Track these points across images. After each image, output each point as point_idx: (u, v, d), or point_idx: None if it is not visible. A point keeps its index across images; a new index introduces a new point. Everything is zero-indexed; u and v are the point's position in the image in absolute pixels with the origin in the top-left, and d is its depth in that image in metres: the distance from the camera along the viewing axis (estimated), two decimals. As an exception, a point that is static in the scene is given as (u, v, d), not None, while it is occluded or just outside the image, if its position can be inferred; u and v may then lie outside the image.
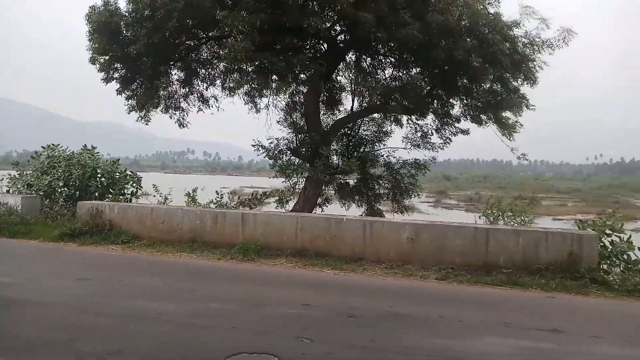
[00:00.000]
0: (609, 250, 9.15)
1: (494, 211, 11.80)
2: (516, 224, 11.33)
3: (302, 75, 13.35)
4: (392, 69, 14.23)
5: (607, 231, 9.41)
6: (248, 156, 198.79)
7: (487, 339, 5.42)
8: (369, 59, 14.21)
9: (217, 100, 15.75)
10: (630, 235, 9.48)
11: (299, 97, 14.97)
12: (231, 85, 14.80)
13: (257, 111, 15.72)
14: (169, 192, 14.63)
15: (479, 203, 31.68)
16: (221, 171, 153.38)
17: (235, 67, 13.41)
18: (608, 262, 9.09)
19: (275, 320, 5.86)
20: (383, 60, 14.17)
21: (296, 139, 14.92)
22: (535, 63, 11.66)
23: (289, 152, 14.54)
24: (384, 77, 14.30)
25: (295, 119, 15.34)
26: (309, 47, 13.41)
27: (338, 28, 12.95)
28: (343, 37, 13.42)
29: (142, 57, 12.72)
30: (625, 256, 9.06)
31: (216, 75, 15.42)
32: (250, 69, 13.25)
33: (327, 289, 7.70)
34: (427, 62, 12.13)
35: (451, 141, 14.72)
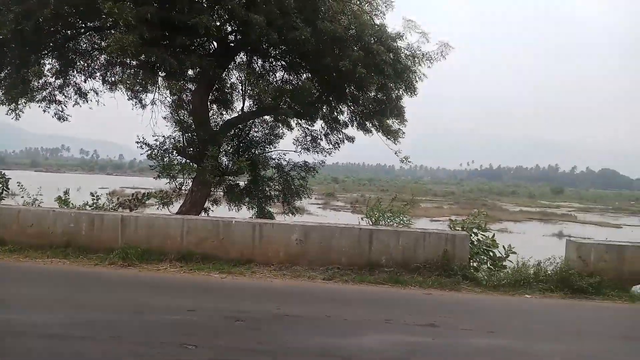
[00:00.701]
0: (476, 247, 10.03)
1: (375, 212, 12.34)
2: (396, 225, 11.96)
3: (190, 73, 12.94)
4: (284, 72, 14.34)
5: (474, 230, 10.32)
6: (130, 155, 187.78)
7: (370, 336, 5.66)
8: (260, 60, 14.18)
9: (97, 94, 14.68)
10: (494, 234, 10.49)
11: (187, 95, 14.45)
12: (113, 79, 13.89)
13: (143, 107, 14.91)
14: (38, 192, 13.27)
15: (364, 205, 33.05)
16: (100, 170, 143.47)
17: (118, 61, 12.61)
18: (477, 259, 9.96)
19: (158, 328, 5.61)
20: (274, 63, 14.21)
21: (183, 138, 14.41)
22: (415, 74, 12.42)
23: (174, 151, 14.00)
24: (275, 80, 14.35)
25: (182, 117, 14.80)
26: (198, 44, 13.04)
27: (229, 28, 12.75)
28: (234, 37, 13.25)
29: (10, 43, 11.48)
30: (490, 253, 10.01)
31: (96, 67, 14.38)
32: (134, 63, 12.55)
33: (214, 293, 7.54)
34: (317, 68, 12.37)
35: (339, 146, 15.18)
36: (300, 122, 15.07)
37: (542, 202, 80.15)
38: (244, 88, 14.48)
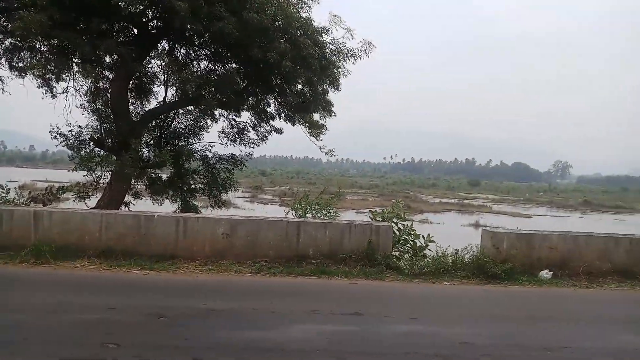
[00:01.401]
0: (398, 236, 10.39)
1: (302, 205, 12.43)
2: (323, 217, 12.11)
3: (107, 59, 12.29)
4: (208, 61, 13.99)
5: (394, 220, 10.68)
6: (42, 146, 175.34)
7: (296, 327, 5.70)
8: (183, 49, 13.75)
9: (2, 81, 13.55)
10: (412, 223, 10.90)
11: (104, 83, 13.68)
12: (20, 65, 12.88)
13: (54, 96, 13.91)
14: None
15: (292, 198, 33.14)
16: (7, 163, 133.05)
17: (26, 45, 11.73)
18: (399, 249, 10.32)
19: (76, 328, 5.32)
20: (199, 52, 13.85)
21: (101, 129, 13.70)
22: (340, 70, 12.59)
23: (91, 142, 13.28)
24: (199, 69, 13.97)
25: (99, 107, 14.04)
26: (117, 30, 12.41)
27: (151, 14, 12.23)
28: (156, 24, 12.73)
29: None
30: (411, 242, 10.40)
31: (1, 52, 13.26)
32: (45, 48, 11.72)
33: (135, 290, 7.25)
34: (244, 59, 12.20)
35: (267, 138, 15.10)
36: (225, 113, 14.80)
37: (460, 194, 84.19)
38: (166, 77, 13.99)
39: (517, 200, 75.03)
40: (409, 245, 10.46)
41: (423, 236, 10.53)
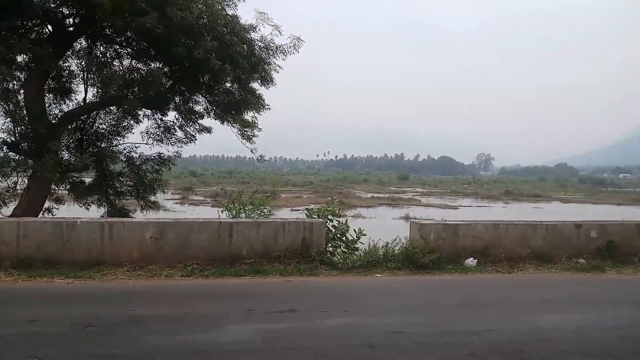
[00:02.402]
0: (332, 232, 10.54)
1: (236, 205, 12.29)
2: (257, 217, 12.06)
3: (19, 59, 11.53)
4: (131, 60, 13.47)
5: (329, 217, 10.83)
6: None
7: (230, 328, 5.65)
8: (103, 47, 13.15)
9: None
10: (346, 219, 11.10)
11: (14, 84, 12.77)
12: None
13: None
14: None
15: (225, 198, 32.67)
16: None
17: None
18: (333, 244, 10.48)
19: (-7, 345, 4.97)
20: (120, 51, 13.30)
21: (15, 132, 12.84)
22: (270, 66, 12.54)
23: (4, 147, 12.42)
24: (121, 68, 13.42)
25: (11, 109, 13.12)
26: (30, 28, 11.68)
27: (66, 10, 11.59)
28: (73, 21, 12.09)
29: None
30: (344, 238, 10.59)
31: None
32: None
33: (59, 300, 6.88)
34: (169, 57, 11.86)
35: (195, 138, 14.75)
36: (151, 113, 14.31)
37: (391, 188, 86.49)
38: (85, 76, 13.32)
39: (444, 192, 78.17)
40: (342, 240, 10.63)
41: (355, 230, 10.75)
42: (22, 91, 12.66)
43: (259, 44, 12.29)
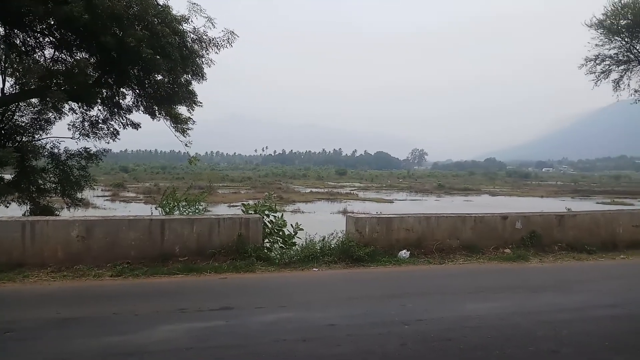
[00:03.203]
0: (269, 227, 10.49)
1: (170, 202, 11.96)
2: (192, 213, 11.78)
3: None
4: (54, 49, 12.71)
5: (266, 212, 10.77)
6: None
7: (161, 327, 5.48)
8: (23, 35, 12.32)
9: None
10: (282, 214, 11.08)
11: None
12: None
13: None
14: None
15: (159, 194, 31.71)
16: None
17: None
18: (270, 239, 10.43)
19: None
20: (42, 40, 12.52)
21: None
22: (203, 60, 12.25)
23: None
24: (44, 58, 12.64)
25: None
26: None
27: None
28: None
29: None
30: (281, 232, 10.57)
31: None
32: None
33: (-27, 306, 6.42)
34: (96, 47, 11.31)
35: (119, 133, 14.10)
36: (77, 106, 13.59)
37: (329, 183, 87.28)
38: (2, 67, 12.45)
39: (380, 186, 79.77)
40: (279, 235, 10.61)
41: (291, 225, 10.75)
42: None
43: (192, 35, 11.97)
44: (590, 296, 7.63)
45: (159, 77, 12.35)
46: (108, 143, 14.15)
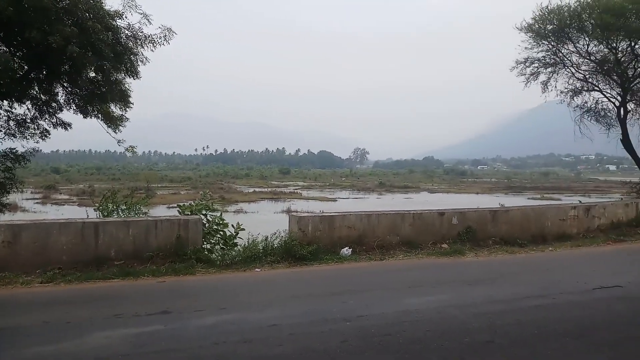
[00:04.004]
0: (209, 228, 10.30)
1: (109, 205, 11.47)
2: (132, 216, 11.36)
3: None
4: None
5: (204, 211, 10.57)
6: None
7: (95, 334, 5.24)
8: None
9: None
10: (221, 213, 10.90)
11: None
12: None
13: None
14: None
15: (94, 196, 30.44)
16: None
17: None
18: (210, 240, 10.24)
19: None
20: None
21: None
22: (137, 57, 11.82)
23: None
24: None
25: None
26: None
27: None
28: None
29: None
30: (221, 233, 10.41)
31: None
32: None
33: None
34: (21, 42, 10.67)
35: (48, 132, 13.33)
36: (0, 103, 12.73)
37: (273, 182, 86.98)
38: None
39: (324, 185, 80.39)
40: (219, 235, 10.44)
41: (232, 225, 10.62)
42: None
43: (126, 32, 11.52)
44: (522, 288, 8.01)
45: (92, 75, 11.80)
46: (37, 143, 13.34)
